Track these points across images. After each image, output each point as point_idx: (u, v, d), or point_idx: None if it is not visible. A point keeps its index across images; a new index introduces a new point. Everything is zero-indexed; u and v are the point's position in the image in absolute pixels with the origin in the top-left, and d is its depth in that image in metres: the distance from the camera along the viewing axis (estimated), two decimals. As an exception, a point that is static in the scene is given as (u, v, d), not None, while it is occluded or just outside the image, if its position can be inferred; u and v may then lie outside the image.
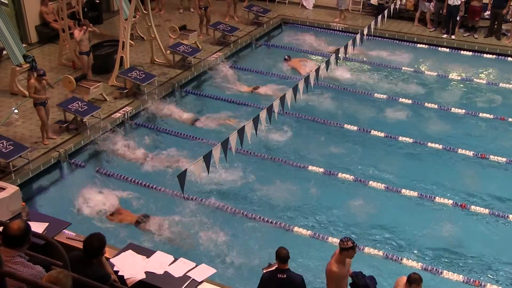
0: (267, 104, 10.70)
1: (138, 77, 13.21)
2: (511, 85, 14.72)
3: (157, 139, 11.99)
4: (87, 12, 16.49)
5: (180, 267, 6.28)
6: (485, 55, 16.29)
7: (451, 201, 10.13)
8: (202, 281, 6.15)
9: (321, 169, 11.00)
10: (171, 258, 6.43)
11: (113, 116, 12.38)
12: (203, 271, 6.27)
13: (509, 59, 16.10)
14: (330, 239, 9.16)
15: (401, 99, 13.83)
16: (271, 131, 11.85)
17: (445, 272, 8.58)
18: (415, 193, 10.33)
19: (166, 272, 6.20)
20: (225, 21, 17.53)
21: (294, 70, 15.34)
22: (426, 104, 13.62)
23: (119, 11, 14.19)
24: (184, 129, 12.32)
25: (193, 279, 6.14)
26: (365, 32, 12.94)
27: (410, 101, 13.73)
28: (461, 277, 8.49)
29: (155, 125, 12.51)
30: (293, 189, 10.38)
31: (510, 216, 9.80)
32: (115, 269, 6.06)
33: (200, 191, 10.04)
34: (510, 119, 12.97)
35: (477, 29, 17.02)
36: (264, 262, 8.20)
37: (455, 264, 8.82)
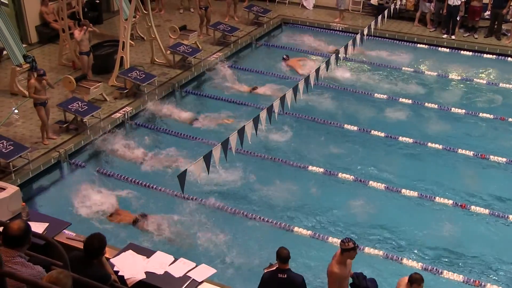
0: (266, 104, 10.70)
1: (138, 77, 13.22)
2: (511, 85, 14.72)
3: (157, 139, 12.00)
4: (87, 12, 16.50)
5: (180, 267, 6.28)
6: (485, 55, 16.29)
7: (451, 201, 10.13)
8: (202, 281, 6.16)
9: (321, 169, 11.00)
10: (171, 258, 6.43)
11: (113, 116, 12.38)
12: (203, 271, 6.27)
13: (509, 59, 16.09)
14: (330, 239, 9.16)
15: (401, 99, 13.83)
16: (271, 131, 11.85)
17: (445, 272, 8.58)
18: (415, 193, 10.33)
19: (166, 272, 6.20)
20: (225, 21, 17.52)
21: (292, 69, 15.34)
22: (426, 104, 13.63)
23: (119, 11, 14.19)
24: (184, 129, 12.32)
25: (193, 279, 6.14)
26: (365, 32, 12.94)
27: (410, 101, 13.73)
28: (461, 277, 8.49)
29: (155, 125, 12.50)
30: (293, 189, 10.38)
31: (510, 216, 9.80)
32: (115, 269, 6.06)
33: (200, 191, 10.03)
34: (510, 119, 12.97)
35: (477, 29, 17.02)
36: (264, 262, 8.20)
37: (455, 264, 8.82)
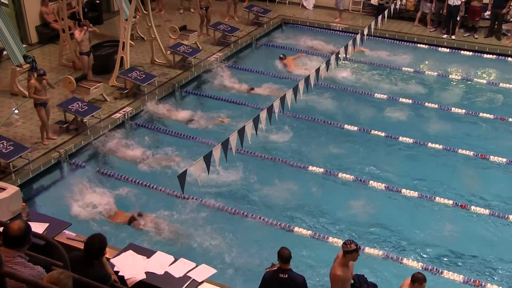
0: (266, 104, 10.69)
1: (138, 77, 13.22)
2: (511, 85, 14.72)
3: (157, 139, 11.99)
4: (87, 12, 16.50)
5: (180, 267, 6.28)
6: (485, 55, 16.28)
7: (451, 201, 10.13)
8: (202, 281, 6.16)
9: (321, 169, 11.00)
10: (172, 258, 6.43)
11: (113, 116, 12.38)
12: (203, 271, 6.27)
13: (509, 59, 16.09)
14: (330, 239, 9.16)
15: (402, 99, 13.83)
16: (271, 131, 11.85)
17: (445, 272, 8.58)
18: (415, 193, 10.33)
19: (166, 272, 6.20)
20: (225, 21, 17.52)
21: (289, 68, 15.32)
22: (426, 104, 13.63)
23: (119, 11, 14.20)
24: (184, 129, 12.32)
25: (194, 279, 6.13)
26: (365, 32, 12.94)
27: (410, 101, 13.74)
28: (461, 277, 8.49)
29: (155, 126, 12.50)
30: (293, 189, 10.38)
31: (510, 216, 9.80)
32: (116, 269, 6.05)
33: (200, 191, 10.03)
34: (510, 119, 12.97)
35: (477, 29, 17.02)
36: (264, 262, 8.22)
37: (455, 264, 8.82)
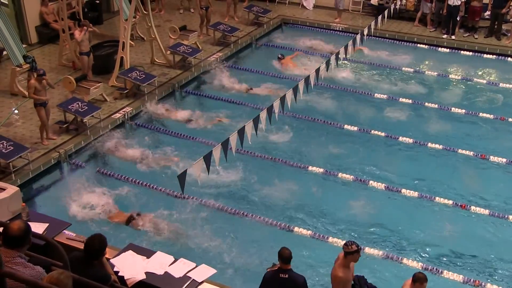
0: (265, 103, 10.68)
1: (138, 77, 13.21)
2: (511, 85, 14.71)
3: (157, 139, 11.99)
4: (87, 12, 16.50)
5: (180, 268, 6.27)
6: (485, 55, 16.28)
7: (451, 201, 10.13)
8: (202, 282, 6.15)
9: (321, 169, 11.00)
10: (171, 258, 6.42)
11: (113, 116, 12.38)
12: (203, 272, 6.27)
13: (509, 59, 16.08)
14: (330, 239, 9.16)
15: (401, 99, 13.83)
16: (271, 131, 11.85)
17: (445, 272, 8.58)
18: (415, 193, 10.33)
19: (166, 272, 6.20)
20: (225, 21, 17.52)
21: (288, 68, 15.31)
22: (426, 104, 13.62)
23: (119, 11, 14.19)
24: (184, 129, 12.31)
25: (193, 279, 6.13)
26: (365, 32, 12.94)
27: (410, 101, 13.74)
28: (461, 277, 8.49)
29: (155, 126, 12.50)
30: (293, 189, 10.37)
31: (510, 216, 9.79)
32: (115, 269, 6.05)
33: (200, 191, 10.03)
34: (510, 119, 12.97)
35: (477, 29, 17.01)
36: (264, 262, 8.23)
37: (455, 264, 8.82)
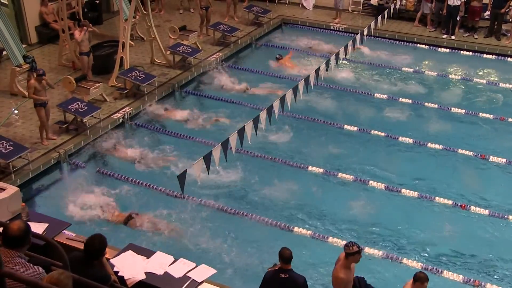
0: (265, 103, 10.68)
1: (138, 77, 13.21)
2: (511, 85, 14.71)
3: (157, 139, 11.99)
4: (87, 12, 16.50)
5: (180, 268, 6.27)
6: (485, 55, 16.28)
7: (451, 201, 10.13)
8: (202, 282, 6.15)
9: (321, 169, 10.99)
10: (171, 258, 6.42)
11: (113, 116, 12.38)
12: (203, 272, 6.26)
13: (509, 59, 16.08)
14: (330, 239, 9.16)
15: (401, 99, 13.83)
16: (271, 131, 11.84)
17: (445, 272, 8.58)
18: (415, 193, 10.33)
19: (166, 272, 6.19)
20: (225, 21, 17.51)
21: (287, 68, 15.31)
22: (426, 104, 13.62)
23: (119, 11, 14.18)
24: (183, 129, 12.31)
25: (193, 279, 6.12)
26: (365, 32, 12.94)
27: (410, 101, 13.73)
28: (461, 277, 8.49)
29: (155, 126, 12.50)
30: (293, 189, 10.37)
31: (510, 216, 9.79)
32: (115, 269, 6.05)
33: (200, 191, 10.03)
34: (510, 119, 12.96)
35: (477, 29, 17.01)
36: (264, 262, 8.22)
37: (455, 264, 8.82)
